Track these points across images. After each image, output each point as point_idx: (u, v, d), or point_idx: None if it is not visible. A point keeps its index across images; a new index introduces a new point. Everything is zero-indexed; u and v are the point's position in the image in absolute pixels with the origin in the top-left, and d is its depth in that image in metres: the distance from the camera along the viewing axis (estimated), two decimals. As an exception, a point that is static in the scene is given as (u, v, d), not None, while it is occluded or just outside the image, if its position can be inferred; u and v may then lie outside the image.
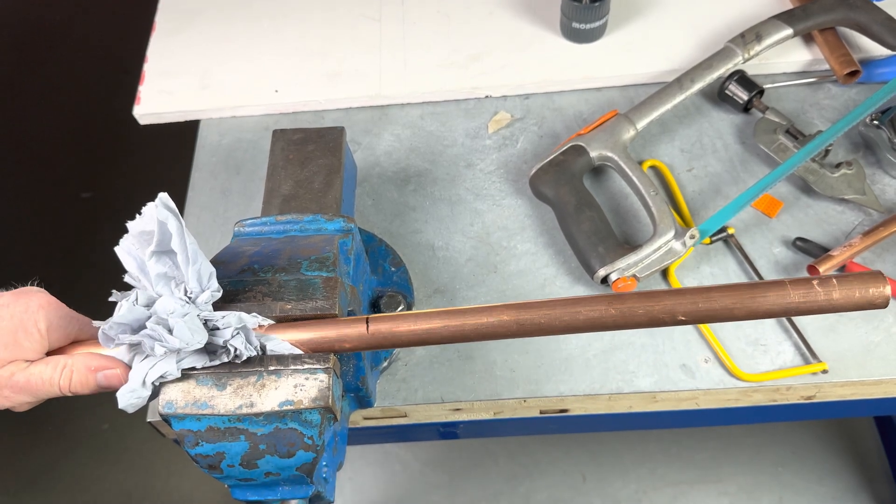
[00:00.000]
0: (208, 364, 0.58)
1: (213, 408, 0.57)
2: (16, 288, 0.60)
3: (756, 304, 0.54)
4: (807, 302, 0.54)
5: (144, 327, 0.57)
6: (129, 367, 0.58)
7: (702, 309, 0.55)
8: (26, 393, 0.57)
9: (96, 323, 0.59)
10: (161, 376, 0.57)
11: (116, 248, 0.58)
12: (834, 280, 0.53)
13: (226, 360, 0.58)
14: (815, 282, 0.54)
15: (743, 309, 0.54)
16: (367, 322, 0.59)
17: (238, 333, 0.58)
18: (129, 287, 0.59)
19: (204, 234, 0.94)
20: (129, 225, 0.57)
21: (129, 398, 0.57)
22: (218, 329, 0.58)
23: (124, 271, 0.59)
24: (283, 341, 0.59)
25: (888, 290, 0.53)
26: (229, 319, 0.58)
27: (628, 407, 0.83)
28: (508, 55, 1.04)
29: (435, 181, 0.96)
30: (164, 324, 0.56)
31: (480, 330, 0.57)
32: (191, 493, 1.72)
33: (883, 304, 0.53)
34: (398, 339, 0.59)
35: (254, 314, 0.59)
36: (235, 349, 0.57)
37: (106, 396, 0.59)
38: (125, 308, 0.57)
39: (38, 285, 0.61)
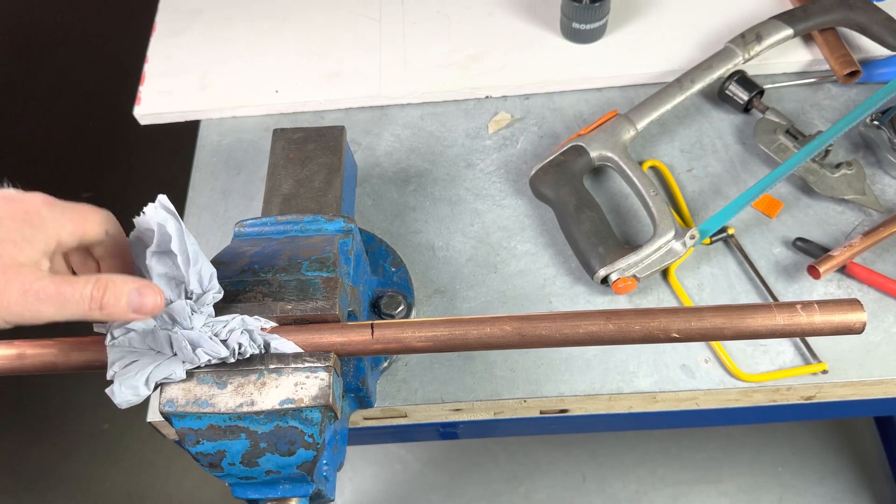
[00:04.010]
0: (211, 362, 0.58)
1: (214, 406, 0.57)
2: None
3: (744, 324, 0.58)
4: (791, 325, 0.57)
5: (150, 331, 0.57)
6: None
7: (694, 328, 0.58)
8: (52, 302, 0.50)
9: (97, 328, 0.58)
10: (166, 377, 0.57)
11: (129, 237, 0.58)
12: (816, 306, 0.57)
13: (231, 360, 0.58)
14: (798, 307, 0.58)
15: (732, 329, 0.58)
16: (371, 328, 0.59)
17: (242, 332, 0.58)
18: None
19: (204, 234, 0.94)
20: (136, 221, 0.58)
21: (127, 395, 0.57)
22: (221, 331, 0.58)
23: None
24: (286, 340, 0.59)
25: (864, 316, 0.57)
26: (232, 324, 0.58)
27: (628, 407, 0.83)
28: (508, 55, 1.04)
29: (435, 181, 0.96)
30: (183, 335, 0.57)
31: (483, 340, 0.59)
32: (191, 493, 1.72)
33: (859, 330, 0.57)
34: (402, 346, 0.60)
35: (255, 317, 0.59)
36: (240, 346, 0.57)
37: (106, 397, 0.58)
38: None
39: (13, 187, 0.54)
